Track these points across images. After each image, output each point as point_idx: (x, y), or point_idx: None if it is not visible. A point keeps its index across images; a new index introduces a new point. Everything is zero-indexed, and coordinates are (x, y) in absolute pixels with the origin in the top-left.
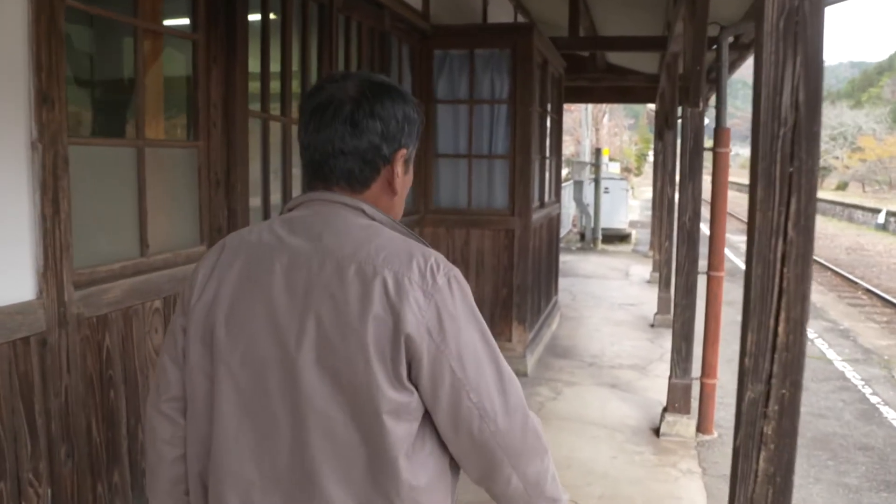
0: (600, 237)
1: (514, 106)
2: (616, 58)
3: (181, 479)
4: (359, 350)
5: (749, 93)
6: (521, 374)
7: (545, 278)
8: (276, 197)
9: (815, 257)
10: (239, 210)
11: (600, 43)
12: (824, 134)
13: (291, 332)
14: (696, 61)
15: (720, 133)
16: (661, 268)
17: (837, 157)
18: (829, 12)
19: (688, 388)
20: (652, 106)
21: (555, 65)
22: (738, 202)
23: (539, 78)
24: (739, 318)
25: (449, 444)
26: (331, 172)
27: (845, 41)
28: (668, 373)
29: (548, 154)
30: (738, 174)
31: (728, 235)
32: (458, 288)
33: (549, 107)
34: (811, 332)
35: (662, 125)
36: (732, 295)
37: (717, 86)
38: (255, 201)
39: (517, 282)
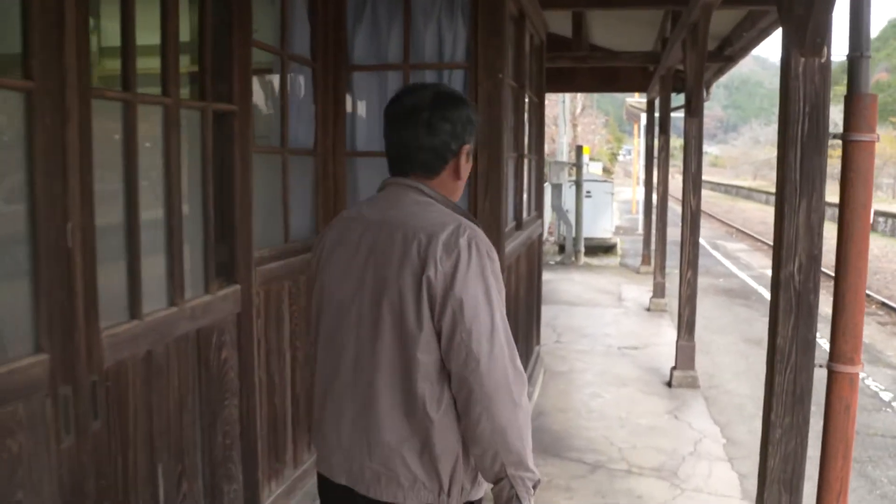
0: (583, 249)
1: (476, 74)
2: (602, 37)
3: None
4: (397, 294)
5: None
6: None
7: (524, 329)
8: None
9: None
10: None
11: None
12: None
13: (359, 281)
14: None
15: (859, 104)
16: (681, 307)
17: None
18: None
19: None
20: (633, 100)
21: (535, 24)
22: (714, 202)
23: (514, 38)
24: None
25: (448, 363)
26: (410, 163)
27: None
28: (710, 480)
29: (526, 151)
30: (709, 172)
31: (723, 243)
32: (475, 250)
33: (527, 83)
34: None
35: (664, 117)
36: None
37: (855, 15)
38: None
39: None
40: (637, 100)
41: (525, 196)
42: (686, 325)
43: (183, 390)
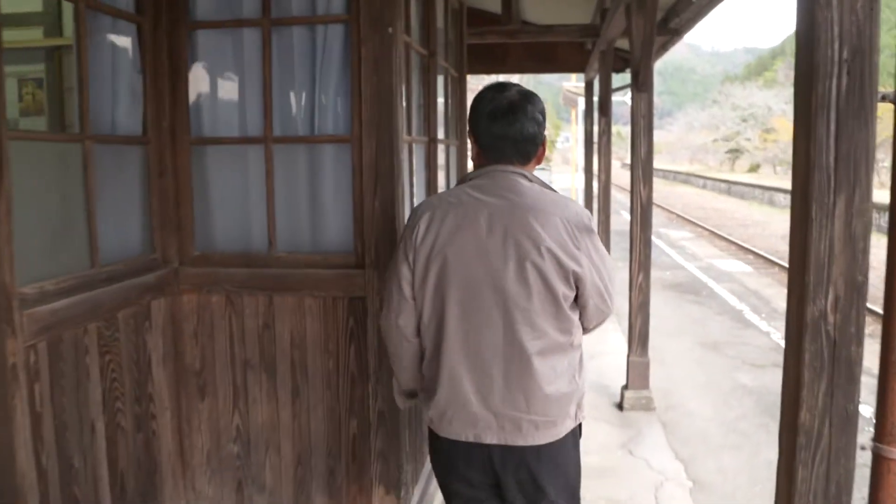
0: None
1: (358, 29)
2: (535, 13)
3: (416, 358)
4: (544, 265)
5: None
6: None
7: None
8: None
9: (752, 248)
10: None
11: None
12: (735, 115)
13: (498, 258)
14: None
15: None
16: (632, 317)
17: (749, 139)
18: (724, 2)
19: None
20: (570, 84)
21: None
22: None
23: None
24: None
25: (586, 311)
26: (515, 152)
27: (739, 28)
28: None
29: (443, 135)
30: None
31: (666, 231)
32: (592, 225)
33: (440, 52)
34: None
35: (605, 97)
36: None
37: None
38: None
39: (379, 405)
40: (574, 84)
41: (444, 189)
42: (638, 338)
43: None
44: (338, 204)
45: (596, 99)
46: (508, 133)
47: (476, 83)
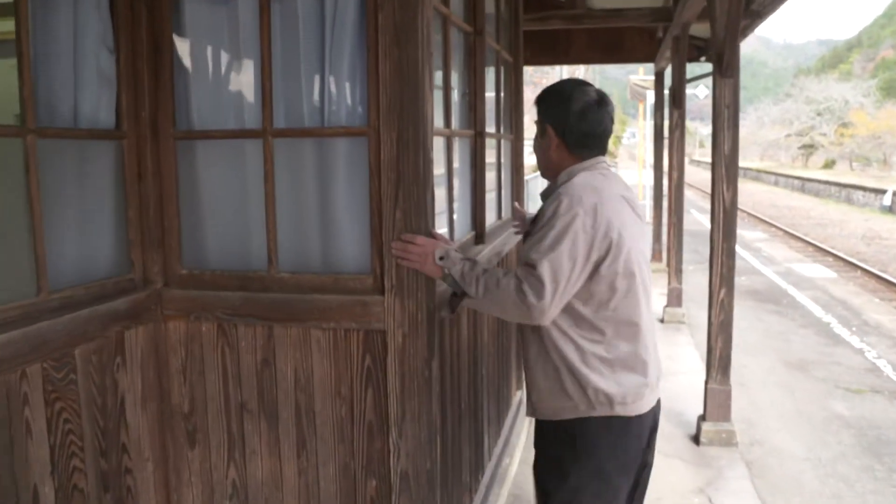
0: None
1: None
2: None
3: None
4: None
5: None
6: None
7: (496, 373)
8: None
9: (831, 250)
10: None
11: None
12: (809, 109)
13: (644, 239)
14: None
15: None
16: (712, 338)
17: (824, 134)
18: None
19: None
20: (638, 77)
21: None
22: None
23: None
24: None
25: None
26: (598, 146)
27: (812, 20)
28: None
29: (496, 128)
30: (697, 152)
31: (739, 231)
32: None
33: (488, 31)
34: None
35: (678, 87)
36: (797, 349)
37: None
38: None
39: (401, 465)
40: (641, 77)
41: (494, 192)
42: (719, 363)
43: None
44: (352, 213)
45: (667, 91)
46: (597, 130)
47: (540, 77)
